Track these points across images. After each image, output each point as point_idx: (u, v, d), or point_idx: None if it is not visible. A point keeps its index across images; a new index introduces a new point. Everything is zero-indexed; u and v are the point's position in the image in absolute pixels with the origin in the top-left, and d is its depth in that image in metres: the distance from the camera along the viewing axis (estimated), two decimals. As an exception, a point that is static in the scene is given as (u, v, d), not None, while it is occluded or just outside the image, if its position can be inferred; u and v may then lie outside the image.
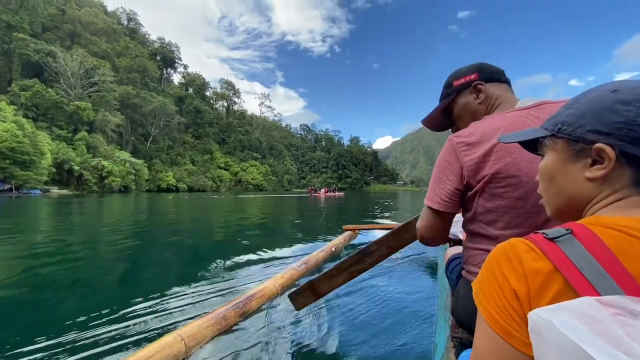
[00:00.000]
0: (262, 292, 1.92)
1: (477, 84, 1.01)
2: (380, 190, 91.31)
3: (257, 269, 3.05)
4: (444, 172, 0.89)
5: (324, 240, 4.58)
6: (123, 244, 4.79)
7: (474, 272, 0.86)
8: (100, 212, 11.15)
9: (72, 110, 38.40)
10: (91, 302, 2.26)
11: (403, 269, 3.03)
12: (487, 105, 1.00)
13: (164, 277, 2.98)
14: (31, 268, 3.25)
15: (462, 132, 0.89)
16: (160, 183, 49.04)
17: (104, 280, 2.91)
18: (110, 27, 65.39)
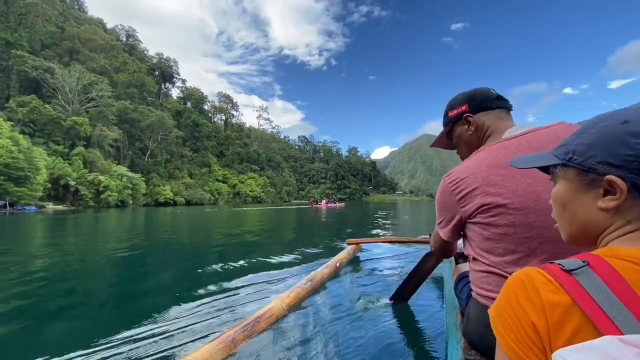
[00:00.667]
0: (270, 313, 1.87)
1: (467, 116, 1.06)
2: (379, 200, 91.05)
3: (260, 286, 2.95)
4: (443, 209, 1.01)
5: (328, 254, 4.44)
6: (119, 262, 4.64)
7: (483, 295, 0.91)
8: (94, 229, 10.91)
9: (69, 126, 38.34)
10: (87, 327, 2.16)
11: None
12: (478, 135, 1.06)
13: (163, 296, 2.85)
14: (22, 292, 3.05)
15: (454, 170, 0.97)
16: (158, 197, 48.62)
17: (101, 303, 2.77)
18: (108, 43, 66.11)
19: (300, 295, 2.25)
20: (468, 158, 0.98)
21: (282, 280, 3.11)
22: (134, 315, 2.28)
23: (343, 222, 12.79)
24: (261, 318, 1.79)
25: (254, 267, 3.82)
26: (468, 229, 0.95)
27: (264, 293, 2.69)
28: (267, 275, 3.33)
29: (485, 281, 0.89)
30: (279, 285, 2.93)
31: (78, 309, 2.61)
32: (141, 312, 2.32)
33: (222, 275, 3.43)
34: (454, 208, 0.95)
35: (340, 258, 3.34)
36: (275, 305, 1.96)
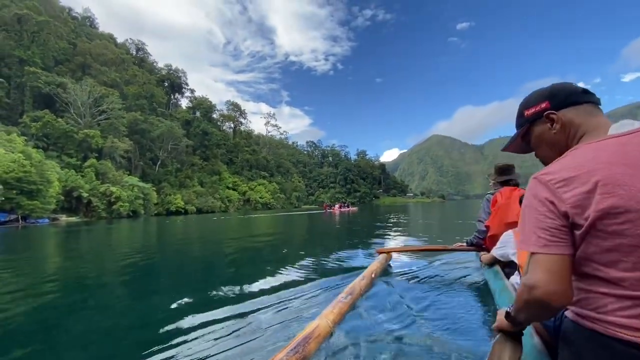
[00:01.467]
0: (317, 332, 1.73)
1: (548, 113, 0.95)
2: (390, 203, 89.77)
3: (291, 302, 2.76)
4: (540, 212, 0.81)
5: (354, 264, 4.41)
6: (133, 274, 4.60)
7: (591, 317, 0.79)
8: (107, 241, 10.97)
9: (81, 138, 39.00)
10: (107, 350, 2.10)
11: (447, 295, 2.75)
12: (566, 135, 0.93)
13: (185, 316, 2.61)
14: (35, 308, 3.09)
15: (550, 169, 0.83)
16: (169, 206, 48.95)
17: (119, 323, 2.63)
18: (119, 57, 67.66)
19: (343, 311, 2.13)
20: (568, 155, 0.84)
21: (310, 293, 2.95)
22: (152, 341, 2.11)
23: (360, 227, 12.28)
24: (310, 338, 1.65)
25: (278, 279, 3.70)
26: (577, 239, 0.79)
27: (298, 310, 2.52)
28: (295, 289, 3.15)
29: (602, 303, 0.76)
30: (311, 299, 2.79)
31: (92, 326, 2.54)
32: (165, 332, 2.20)
33: (243, 289, 3.31)
34: (557, 211, 0.78)
35: (373, 269, 3.18)
36: (320, 323, 1.83)
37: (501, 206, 2.85)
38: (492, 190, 3.22)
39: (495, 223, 2.87)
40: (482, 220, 3.20)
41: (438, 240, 7.18)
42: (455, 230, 9.83)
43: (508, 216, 2.75)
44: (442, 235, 8.29)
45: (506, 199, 2.86)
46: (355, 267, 4.15)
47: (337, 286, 3.12)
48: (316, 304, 2.64)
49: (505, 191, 2.93)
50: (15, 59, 42.91)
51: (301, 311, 2.48)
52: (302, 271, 4.12)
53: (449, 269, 3.68)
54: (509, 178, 3.10)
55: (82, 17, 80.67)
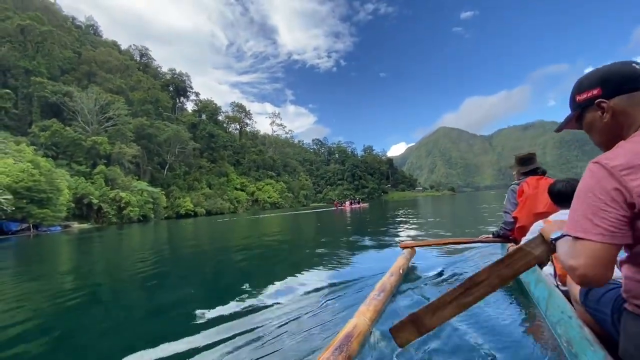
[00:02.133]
0: (357, 331, 1.68)
1: (600, 102, 0.91)
2: (399, 198, 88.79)
3: (322, 301, 2.71)
4: (599, 199, 0.79)
5: (380, 260, 4.35)
6: (149, 279, 4.58)
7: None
8: (119, 245, 11.16)
9: (89, 146, 39.32)
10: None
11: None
12: (619, 125, 0.90)
13: (216, 319, 2.56)
14: (51, 316, 3.14)
15: (612, 154, 0.81)
16: (179, 209, 49.20)
17: (141, 328, 2.65)
18: (123, 63, 68.22)
19: (378, 308, 2.10)
20: (629, 142, 0.82)
21: (338, 292, 2.94)
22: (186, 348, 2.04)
23: (373, 223, 11.99)
24: (351, 337, 1.61)
25: (302, 279, 3.66)
26: (638, 228, 0.77)
27: (330, 309, 2.50)
28: (322, 289, 3.12)
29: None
30: (340, 298, 2.77)
31: (114, 331, 2.56)
32: (193, 344, 2.08)
33: (266, 291, 3.26)
34: (621, 198, 0.76)
35: (400, 264, 3.15)
36: (358, 321, 1.77)
37: (529, 196, 2.78)
38: (517, 181, 3.14)
39: (524, 214, 2.80)
40: (508, 211, 3.11)
41: (457, 233, 6.99)
42: (471, 223, 9.42)
43: (537, 206, 2.68)
44: (459, 228, 8.11)
45: (533, 189, 2.79)
46: (379, 263, 4.09)
47: (365, 283, 3.12)
48: (347, 302, 2.62)
49: (532, 181, 2.86)
50: (21, 70, 43.45)
51: (332, 310, 2.46)
52: (325, 270, 4.06)
53: (474, 262, 3.63)
54: (533, 167, 3.06)
55: (85, 25, 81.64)
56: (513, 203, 3.06)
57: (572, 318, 1.27)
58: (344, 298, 2.76)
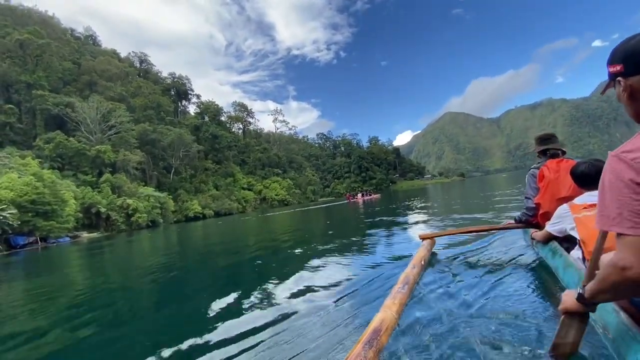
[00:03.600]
0: (385, 324, 1.69)
1: (618, 80, 0.88)
2: (407, 188, 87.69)
3: (346, 296, 2.75)
4: (623, 192, 0.77)
5: (400, 252, 4.36)
6: (161, 286, 4.59)
7: None
8: (128, 253, 11.23)
9: (94, 155, 39.51)
10: None
11: (501, 277, 2.60)
12: (637, 103, 0.87)
13: (241, 319, 2.61)
14: (62, 326, 3.22)
15: (630, 145, 0.81)
16: (187, 212, 49.32)
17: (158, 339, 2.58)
18: (123, 71, 68.39)
19: (403, 301, 2.08)
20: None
21: (361, 286, 2.96)
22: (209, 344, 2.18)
23: (387, 213, 11.85)
24: (380, 331, 1.62)
25: (322, 274, 3.70)
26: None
27: (355, 303, 2.53)
28: (344, 283, 3.17)
29: None
30: (363, 292, 2.81)
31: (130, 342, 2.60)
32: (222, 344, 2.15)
33: (287, 288, 3.30)
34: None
35: (422, 255, 3.10)
36: (385, 315, 1.79)
37: (551, 181, 2.70)
38: (536, 165, 3.01)
39: (547, 199, 2.71)
40: (529, 197, 3.00)
41: (474, 221, 6.79)
42: (486, 208, 8.98)
43: (560, 191, 2.60)
44: (475, 215, 7.78)
45: (555, 173, 2.69)
46: (399, 255, 4.11)
47: (386, 276, 3.12)
48: (370, 296, 2.63)
49: (552, 164, 2.76)
50: (23, 84, 43.78)
51: (356, 304, 2.48)
52: (344, 264, 4.08)
53: (496, 250, 3.52)
54: (549, 147, 2.94)
55: (84, 36, 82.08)
56: (534, 188, 2.94)
57: (638, 336, 1.17)
58: (367, 292, 2.76)
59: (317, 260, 4.61)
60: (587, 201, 1.94)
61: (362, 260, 4.21)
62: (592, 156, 2.50)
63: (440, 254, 3.69)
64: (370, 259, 4.21)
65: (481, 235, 4.21)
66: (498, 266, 2.94)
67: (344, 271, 3.69)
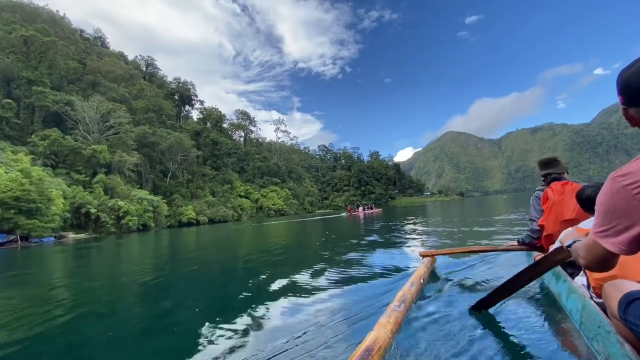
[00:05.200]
0: (378, 344, 1.62)
1: (623, 108, 0.91)
2: (407, 204, 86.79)
3: (340, 312, 2.62)
4: (616, 215, 0.83)
5: (399, 268, 4.19)
6: (143, 291, 4.40)
7: None
8: (113, 255, 10.92)
9: (89, 154, 38.88)
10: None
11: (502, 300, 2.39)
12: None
13: (224, 334, 2.41)
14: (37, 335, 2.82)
15: (626, 170, 0.83)
16: (181, 218, 48.35)
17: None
18: (127, 73, 68.58)
19: (399, 320, 2.00)
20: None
21: (356, 302, 2.84)
22: None
23: (387, 231, 11.38)
24: (372, 350, 1.56)
25: (318, 289, 3.51)
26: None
27: (349, 320, 2.40)
28: (339, 299, 3.02)
29: None
30: (358, 308, 2.65)
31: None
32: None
33: (280, 302, 3.14)
34: (636, 215, 0.79)
35: (421, 273, 2.91)
36: (379, 334, 1.70)
37: (555, 203, 2.66)
38: (541, 187, 3.00)
39: (551, 221, 2.66)
40: (534, 219, 2.96)
41: (477, 240, 6.61)
42: (486, 228, 8.65)
43: (564, 213, 2.56)
44: (475, 235, 7.67)
45: (559, 195, 2.67)
46: (397, 271, 4.03)
47: (383, 292, 3.04)
48: (364, 313, 2.53)
49: (556, 186, 2.75)
50: (24, 80, 43.56)
51: (350, 322, 2.38)
52: (340, 280, 3.90)
53: (498, 272, 3.40)
54: (549, 172, 2.93)
55: (93, 37, 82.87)
56: (538, 210, 2.92)
57: (611, 333, 1.22)
58: (362, 309, 2.64)
59: (310, 272, 4.48)
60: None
61: (358, 275, 4.08)
62: (591, 181, 2.46)
63: (440, 272, 3.55)
64: (367, 274, 4.09)
65: (483, 256, 4.10)
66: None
67: (338, 286, 3.57)
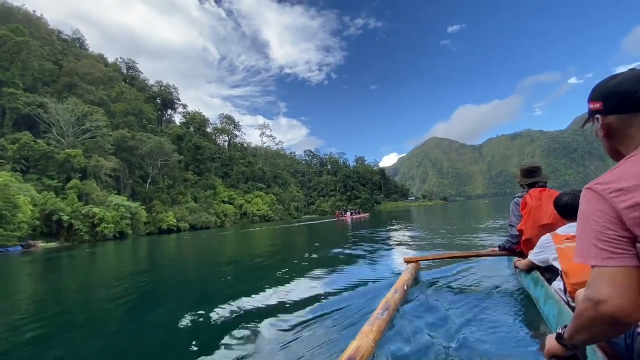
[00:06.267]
0: (360, 353, 1.57)
1: (598, 116, 0.90)
2: (391, 209, 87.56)
3: (323, 320, 2.59)
4: (598, 224, 0.77)
5: (383, 274, 4.27)
6: (114, 305, 4.21)
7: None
8: (84, 265, 10.41)
9: (62, 159, 37.22)
10: None
11: (484, 305, 2.54)
12: (615, 142, 0.88)
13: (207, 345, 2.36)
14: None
15: (604, 179, 0.80)
16: (161, 224, 46.86)
17: None
18: (106, 75, 66.57)
19: (382, 328, 1.97)
20: (626, 163, 0.80)
21: (339, 310, 2.81)
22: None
23: (373, 236, 11.32)
24: (354, 359, 1.52)
25: (301, 297, 3.45)
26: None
27: (331, 329, 2.38)
28: (322, 307, 2.97)
29: None
30: (341, 316, 2.64)
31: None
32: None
33: (262, 310, 3.10)
34: (616, 220, 0.75)
35: (405, 280, 2.96)
36: (361, 343, 1.66)
37: (533, 208, 2.74)
38: (520, 193, 3.06)
39: (529, 226, 2.74)
40: (513, 224, 3.02)
41: (459, 245, 6.84)
42: (469, 233, 8.87)
43: (541, 218, 2.65)
44: (458, 239, 7.78)
45: (537, 201, 2.75)
46: (382, 277, 4.05)
47: (367, 300, 3.03)
48: (348, 321, 2.51)
49: (535, 192, 2.82)
50: (-6, 81, 41.51)
51: (333, 330, 2.35)
52: (324, 287, 3.87)
53: (480, 277, 3.49)
54: (534, 180, 2.97)
55: (71, 38, 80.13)
56: (517, 215, 2.96)
57: (594, 351, 1.18)
58: (346, 317, 2.62)
59: (293, 281, 4.43)
60: (569, 232, 1.93)
61: (342, 282, 4.05)
62: (568, 187, 2.41)
63: (423, 278, 3.61)
64: (351, 281, 4.08)
65: (466, 261, 4.18)
66: (481, 294, 2.89)
67: (322, 294, 3.52)
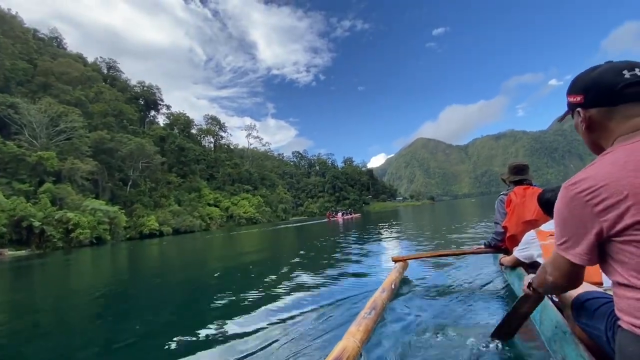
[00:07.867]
0: (346, 354, 1.53)
1: (579, 110, 0.89)
2: (380, 209, 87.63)
3: (309, 321, 2.58)
4: (572, 225, 0.82)
5: (371, 273, 4.30)
6: (85, 317, 4.08)
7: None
8: (55, 275, 10.05)
9: (34, 162, 35.30)
10: None
11: (471, 302, 2.59)
12: (596, 136, 0.89)
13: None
14: None
15: (578, 178, 0.80)
16: (142, 229, 45.17)
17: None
18: (84, 75, 64.09)
19: (369, 328, 1.94)
20: (599, 161, 0.81)
21: (326, 309, 2.82)
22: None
23: (362, 236, 11.14)
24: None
25: (287, 297, 3.48)
26: (614, 248, 0.77)
27: (317, 329, 2.37)
28: (309, 307, 2.95)
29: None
30: (328, 316, 2.64)
31: None
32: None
33: (249, 312, 3.04)
34: (590, 223, 0.77)
35: (392, 279, 2.95)
36: (348, 343, 1.62)
37: (517, 205, 2.81)
38: (505, 191, 3.10)
39: (513, 222, 2.81)
40: (498, 222, 3.08)
41: (446, 243, 6.85)
42: (456, 231, 8.90)
43: (525, 215, 2.71)
44: (446, 238, 7.78)
45: (521, 198, 2.81)
46: (370, 278, 4.03)
47: (355, 299, 3.02)
48: (336, 321, 2.51)
49: (519, 190, 2.88)
50: (-41, 80, 39.15)
51: (321, 331, 2.35)
52: (312, 288, 3.82)
53: (467, 274, 3.54)
54: (522, 178, 3.02)
55: (48, 37, 76.93)
56: (502, 213, 3.03)
57: (567, 334, 1.26)
58: (334, 317, 2.60)
59: (280, 281, 4.40)
60: (552, 228, 1.95)
61: (330, 282, 4.03)
62: (549, 184, 2.53)
63: (411, 277, 3.63)
64: (339, 281, 4.08)
65: (453, 259, 4.23)
66: (468, 292, 2.92)
67: (311, 295, 3.50)
